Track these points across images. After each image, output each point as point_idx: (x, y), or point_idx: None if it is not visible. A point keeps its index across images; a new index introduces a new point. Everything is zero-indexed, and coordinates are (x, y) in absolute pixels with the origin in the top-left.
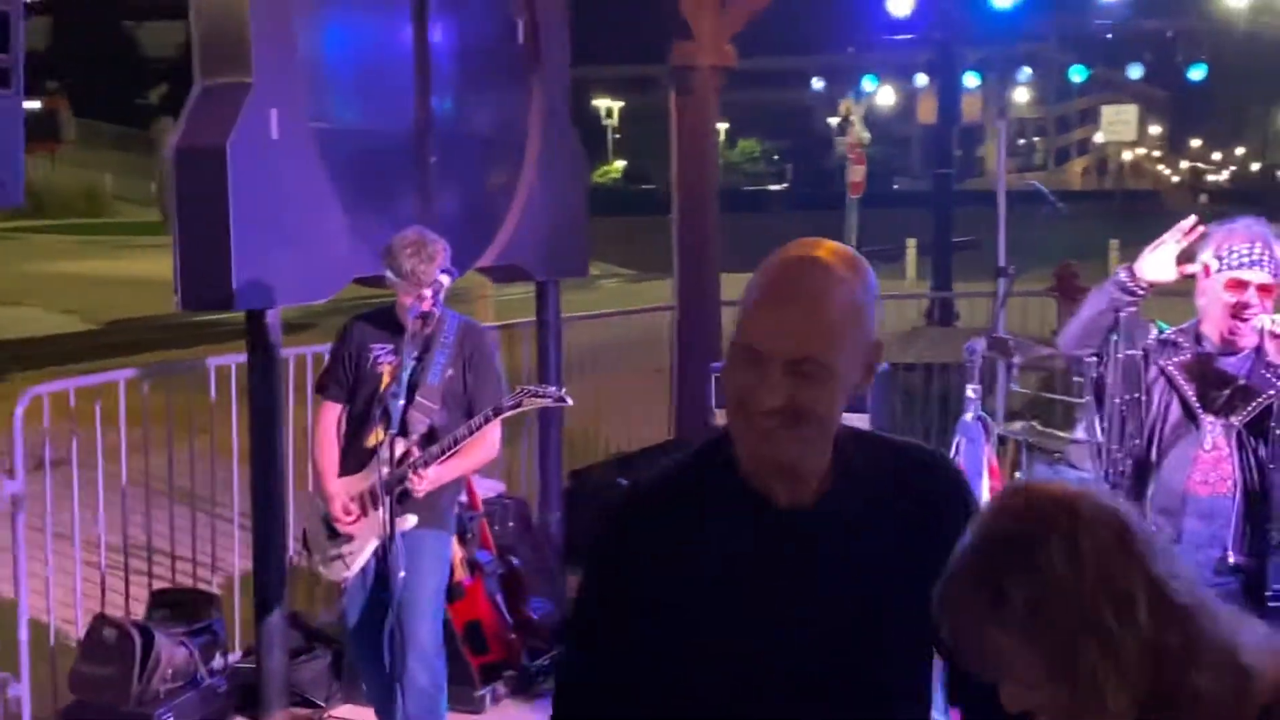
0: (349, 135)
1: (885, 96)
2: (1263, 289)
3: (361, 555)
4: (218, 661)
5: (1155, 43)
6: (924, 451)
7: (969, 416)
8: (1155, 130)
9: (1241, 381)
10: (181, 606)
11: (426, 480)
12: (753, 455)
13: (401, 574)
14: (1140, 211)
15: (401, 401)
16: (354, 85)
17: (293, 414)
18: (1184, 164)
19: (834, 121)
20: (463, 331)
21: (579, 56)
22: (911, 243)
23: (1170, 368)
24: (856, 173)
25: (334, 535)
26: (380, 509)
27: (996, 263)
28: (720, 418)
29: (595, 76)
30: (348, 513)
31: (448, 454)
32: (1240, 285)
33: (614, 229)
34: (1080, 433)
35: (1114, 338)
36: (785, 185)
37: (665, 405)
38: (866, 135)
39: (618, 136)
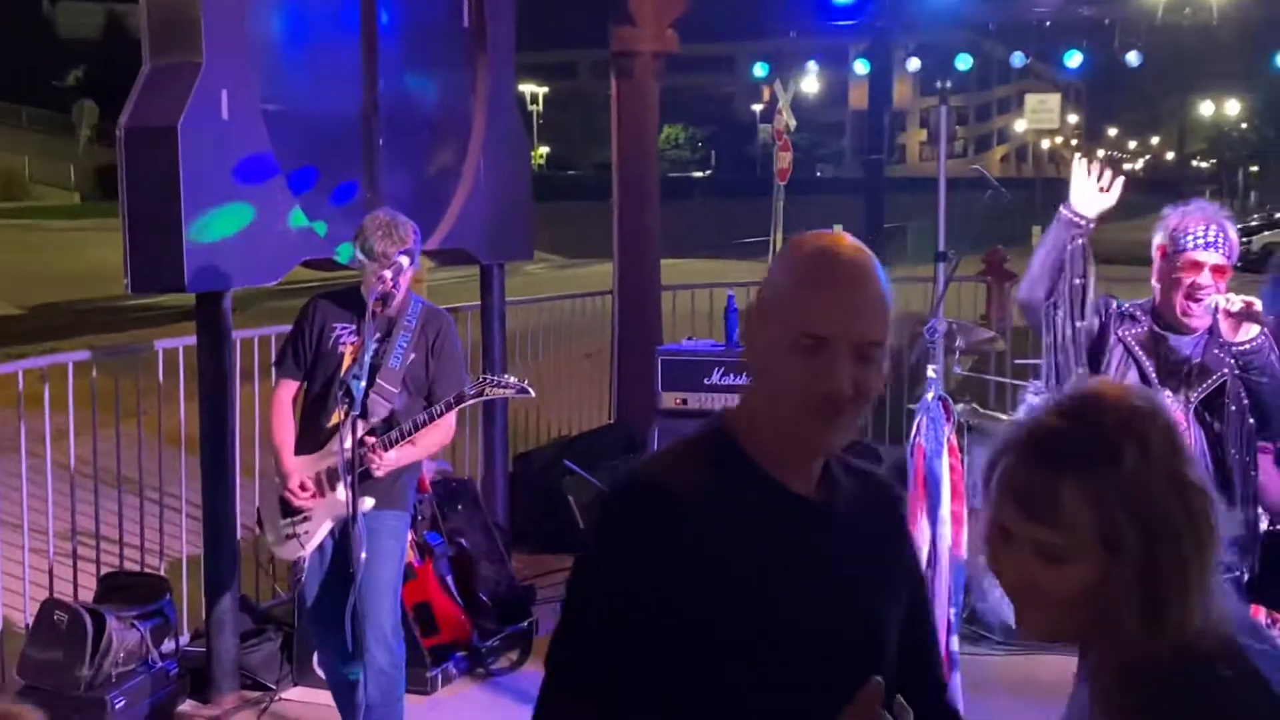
0: (298, 117)
1: (810, 83)
2: (1216, 270)
3: (317, 535)
4: (168, 645)
5: (1092, 30)
6: (877, 474)
7: (930, 396)
8: (1073, 119)
9: (1196, 360)
10: (132, 590)
11: (386, 462)
12: (804, 441)
13: (362, 555)
14: (1060, 199)
15: (363, 384)
16: (303, 67)
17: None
18: (1101, 152)
19: (758, 108)
20: (426, 316)
21: None
22: (838, 229)
23: (1129, 338)
24: (783, 159)
25: (288, 514)
26: (338, 489)
27: (936, 248)
28: (669, 399)
29: (520, 62)
30: (304, 489)
31: (407, 438)
32: (1196, 266)
33: (539, 214)
34: (1020, 413)
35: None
36: (709, 172)
37: (605, 389)
38: (793, 122)
39: (541, 122)
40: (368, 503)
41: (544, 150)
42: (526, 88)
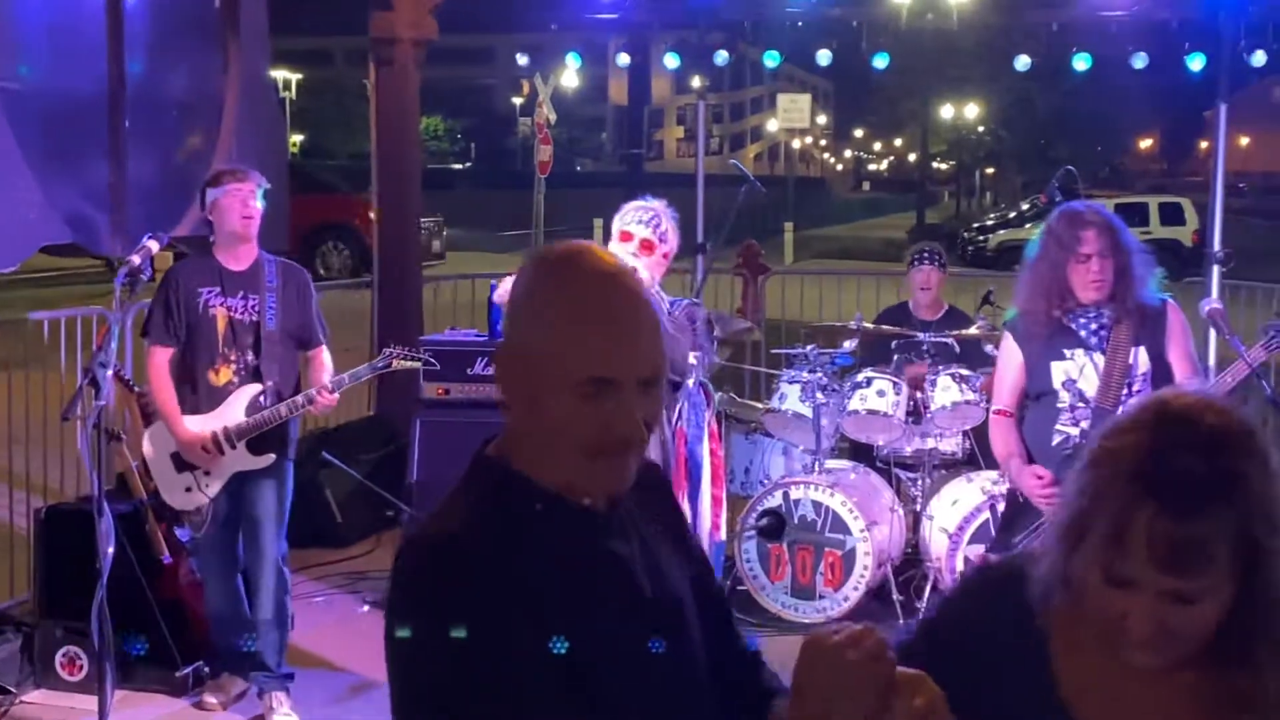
0: (38, 96)
1: (571, 77)
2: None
3: (214, 487)
4: None
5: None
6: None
7: (691, 382)
8: (823, 120)
9: None
10: None
11: (330, 401)
12: (593, 482)
13: (259, 503)
14: (810, 197)
15: (109, 372)
16: (44, 44)
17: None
18: (848, 153)
19: (518, 101)
20: (284, 272)
21: None
22: (598, 223)
23: None
24: (544, 152)
25: (182, 469)
26: (238, 447)
27: (695, 240)
28: (431, 390)
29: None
30: (207, 450)
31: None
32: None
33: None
34: (775, 402)
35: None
36: (469, 164)
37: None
38: (553, 115)
39: (295, 110)
40: (269, 457)
41: (298, 139)
42: (280, 74)
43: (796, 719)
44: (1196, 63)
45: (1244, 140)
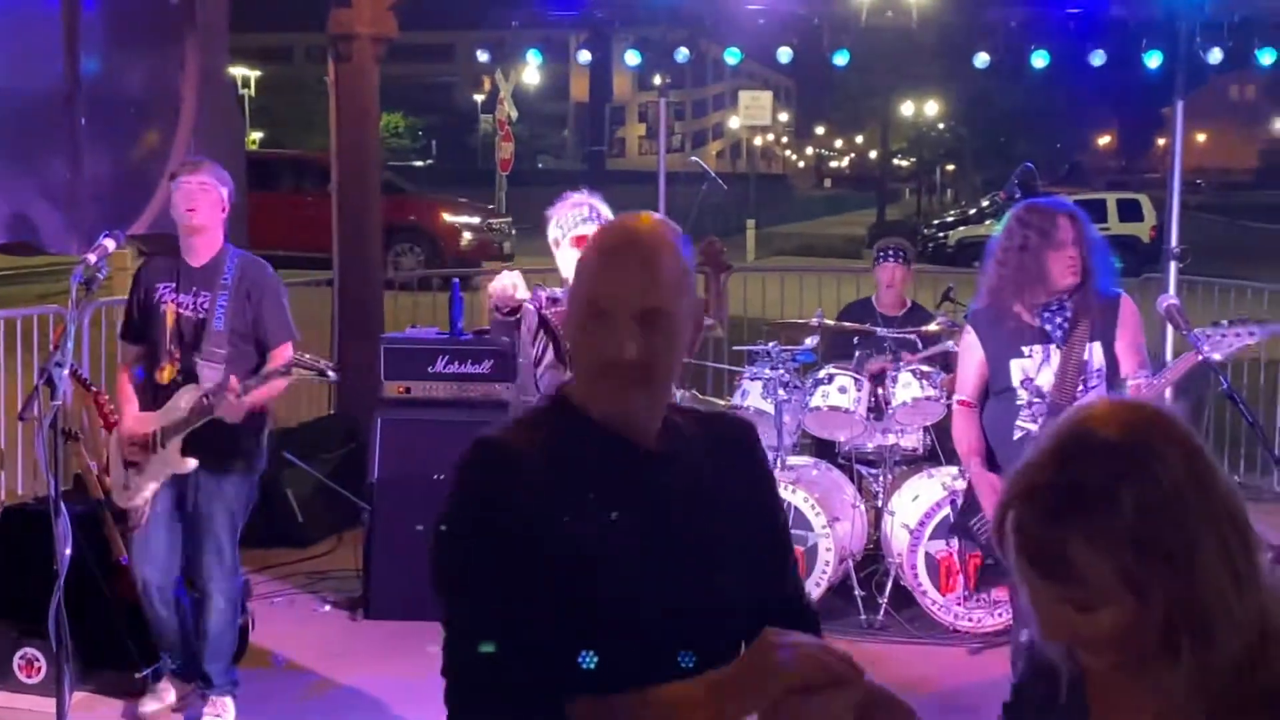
0: None
1: (532, 74)
2: None
3: (147, 489)
4: None
5: (803, 30)
6: (724, 412)
7: None
8: (784, 117)
9: None
10: None
11: (238, 405)
12: (609, 404)
13: (206, 510)
14: (771, 194)
15: (65, 371)
16: None
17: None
18: (810, 150)
19: (480, 98)
20: (243, 267)
21: None
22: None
23: None
24: (505, 149)
25: (126, 467)
26: (169, 446)
27: None
28: (392, 389)
29: (231, 45)
30: (135, 444)
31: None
32: None
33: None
34: (737, 399)
35: None
36: (430, 161)
37: (326, 381)
38: (515, 112)
39: (254, 108)
40: (192, 462)
41: (257, 136)
42: (238, 71)
43: None
44: (1154, 60)
45: (1201, 137)
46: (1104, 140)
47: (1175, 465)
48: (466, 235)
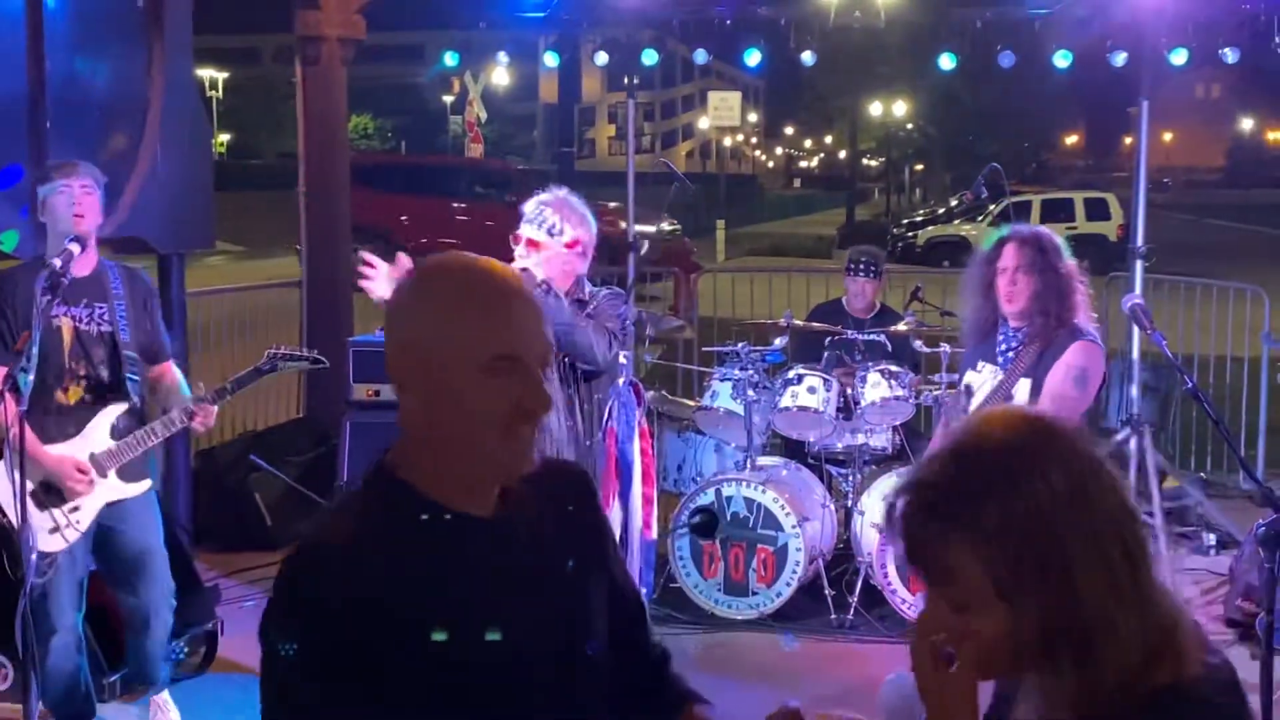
0: None
1: (501, 75)
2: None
3: (85, 522)
4: None
5: (770, 30)
6: (559, 464)
7: (621, 381)
8: (753, 118)
9: None
10: None
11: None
12: (500, 461)
13: (146, 532)
14: (741, 195)
15: (30, 377)
16: None
17: None
18: (779, 150)
19: (449, 99)
20: (127, 278)
21: None
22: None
23: None
24: (474, 150)
25: (43, 506)
26: (109, 475)
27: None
28: (360, 391)
29: (198, 46)
30: (83, 472)
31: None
32: None
33: (220, 204)
34: (707, 399)
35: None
36: None
37: (294, 382)
38: (484, 113)
39: (221, 110)
40: (145, 484)
41: (225, 138)
42: (206, 73)
43: None
44: (1119, 59)
45: (1167, 136)
46: (1072, 140)
47: (1056, 481)
48: None
